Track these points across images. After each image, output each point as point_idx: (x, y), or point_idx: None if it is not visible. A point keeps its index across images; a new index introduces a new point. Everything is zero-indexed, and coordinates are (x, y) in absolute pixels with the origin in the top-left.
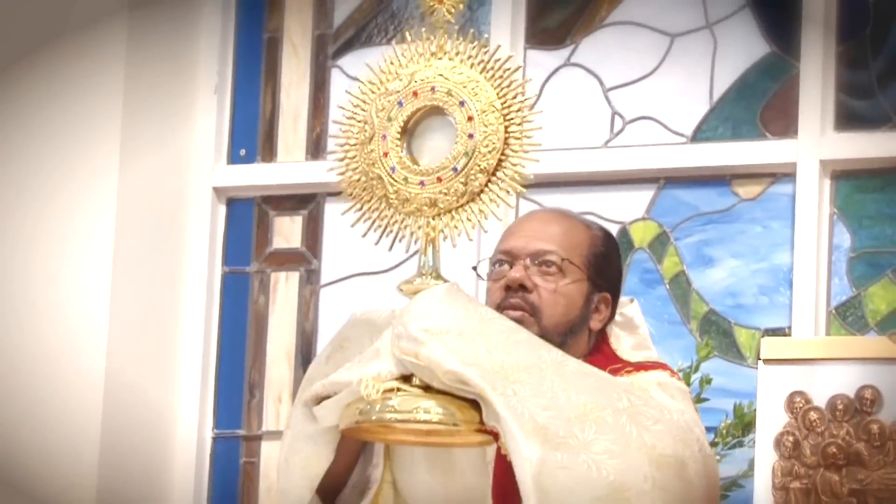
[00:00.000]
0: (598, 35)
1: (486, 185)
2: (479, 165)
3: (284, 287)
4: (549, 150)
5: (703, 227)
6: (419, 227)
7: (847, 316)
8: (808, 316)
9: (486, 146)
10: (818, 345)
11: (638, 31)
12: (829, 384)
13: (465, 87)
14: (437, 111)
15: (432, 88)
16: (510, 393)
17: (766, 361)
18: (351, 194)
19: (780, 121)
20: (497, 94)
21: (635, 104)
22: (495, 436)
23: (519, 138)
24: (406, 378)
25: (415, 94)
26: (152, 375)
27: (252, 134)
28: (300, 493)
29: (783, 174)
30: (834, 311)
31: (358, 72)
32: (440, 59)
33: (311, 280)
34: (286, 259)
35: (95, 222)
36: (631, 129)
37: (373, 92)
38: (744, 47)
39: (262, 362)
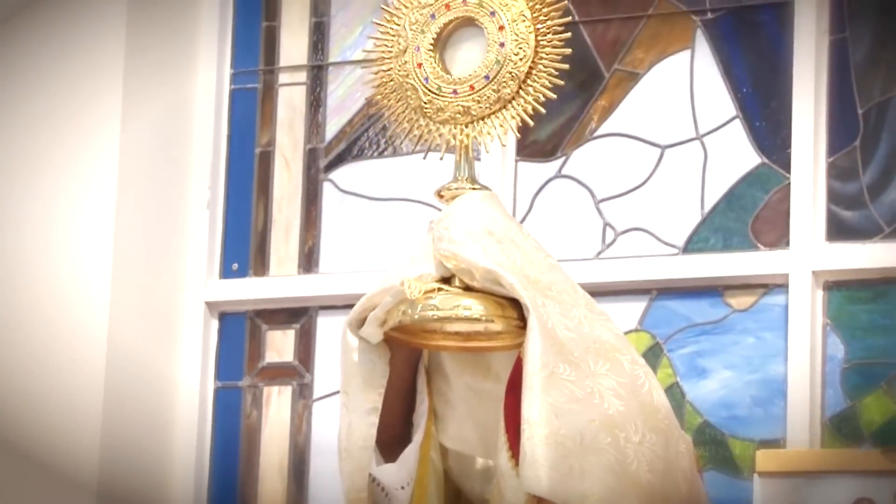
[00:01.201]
0: (589, 147)
1: (518, 92)
2: (510, 73)
3: (277, 401)
4: None
5: (696, 339)
6: (453, 135)
7: (842, 427)
8: (802, 427)
9: (518, 54)
10: (813, 457)
11: (628, 143)
12: (825, 497)
13: None
14: (468, 22)
15: (464, 0)
16: (540, 303)
17: (762, 474)
18: (387, 105)
19: (772, 232)
20: (527, 4)
21: (627, 216)
22: None
23: (548, 46)
24: (446, 280)
25: (447, 6)
26: (148, 488)
27: (244, 248)
28: (365, 431)
29: (775, 285)
30: (829, 423)
31: (350, 185)
32: None
33: (303, 394)
34: (279, 373)
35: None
36: (623, 241)
37: (406, 6)
38: (734, 159)
39: (255, 477)
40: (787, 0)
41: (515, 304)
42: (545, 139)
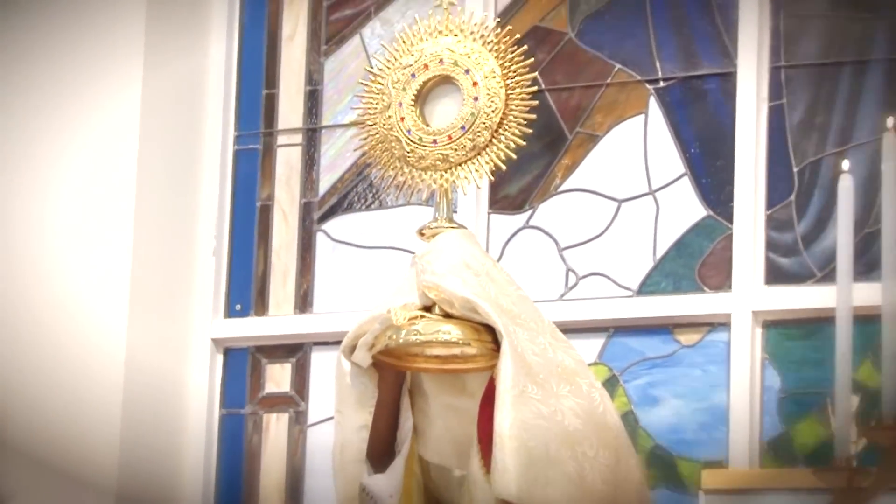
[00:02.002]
0: (554, 201)
1: (491, 141)
2: (484, 124)
3: (275, 427)
4: None
5: (649, 371)
6: (434, 180)
7: (778, 449)
8: (743, 449)
9: (490, 107)
10: (752, 476)
11: (589, 198)
12: None
13: (469, 57)
14: (445, 80)
15: (441, 60)
16: (511, 330)
17: (706, 491)
18: (374, 155)
19: (716, 276)
20: (497, 63)
21: (587, 262)
22: None
23: (517, 99)
24: (428, 308)
25: (426, 66)
26: None
27: (246, 291)
28: (357, 447)
29: (719, 323)
30: (766, 445)
31: (341, 234)
32: (446, 35)
33: (299, 420)
34: (277, 402)
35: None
36: (583, 284)
37: (389, 67)
38: (683, 211)
39: (256, 496)
40: (731, 71)
41: (490, 329)
42: (515, 194)
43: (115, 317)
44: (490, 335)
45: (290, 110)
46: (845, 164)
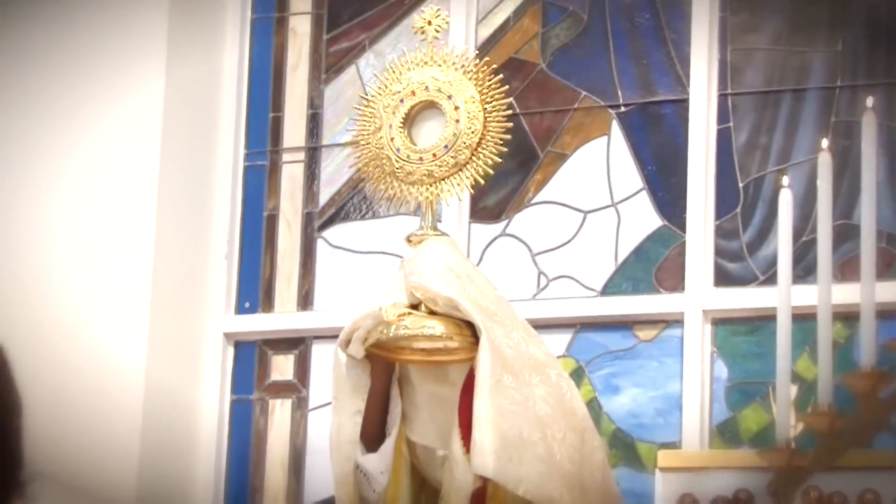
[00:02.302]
0: (528, 212)
1: (471, 158)
2: (465, 143)
3: (280, 411)
4: None
5: (611, 363)
6: (420, 193)
7: (725, 433)
8: (694, 433)
9: (470, 128)
10: (703, 456)
11: (558, 209)
12: (713, 488)
13: (451, 85)
14: (431, 104)
15: (426, 87)
16: (489, 326)
17: (662, 470)
18: (367, 172)
19: (671, 279)
20: (476, 90)
21: (556, 265)
22: None
23: (494, 121)
24: (415, 306)
25: (413, 93)
26: (177, 481)
27: (254, 290)
28: (351, 429)
29: (674, 321)
30: (715, 430)
31: (338, 241)
32: (431, 66)
33: (301, 406)
34: (281, 389)
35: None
36: (553, 286)
37: (380, 94)
38: (641, 221)
39: (262, 472)
40: (684, 98)
41: (470, 325)
42: (493, 205)
43: (138, 314)
44: (470, 330)
45: (293, 131)
46: (785, 180)
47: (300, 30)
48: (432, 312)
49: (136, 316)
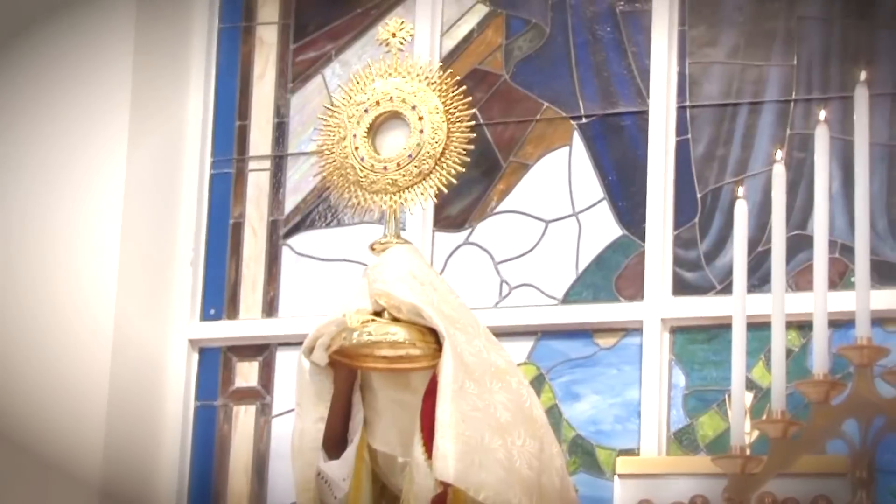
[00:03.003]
0: (490, 221)
1: (435, 168)
2: (428, 153)
3: (244, 417)
4: None
5: (572, 370)
6: (384, 202)
7: (683, 440)
8: (653, 439)
9: (434, 138)
10: (661, 462)
11: (520, 218)
12: (670, 493)
13: (415, 95)
14: (395, 115)
15: (391, 98)
16: (452, 333)
17: (621, 475)
18: (332, 181)
19: (630, 288)
20: (440, 100)
21: (518, 274)
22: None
23: (458, 132)
24: (378, 313)
25: (377, 103)
26: (141, 487)
27: (220, 297)
28: (314, 436)
29: (633, 329)
30: (673, 436)
31: (303, 249)
32: (395, 77)
33: (264, 412)
34: (245, 395)
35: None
36: (515, 294)
37: (344, 104)
38: (602, 231)
39: (226, 478)
40: (644, 110)
41: (433, 332)
42: (456, 214)
43: (104, 320)
44: (433, 337)
45: (260, 139)
46: (741, 191)
47: (267, 39)
48: (396, 319)
49: (101, 321)
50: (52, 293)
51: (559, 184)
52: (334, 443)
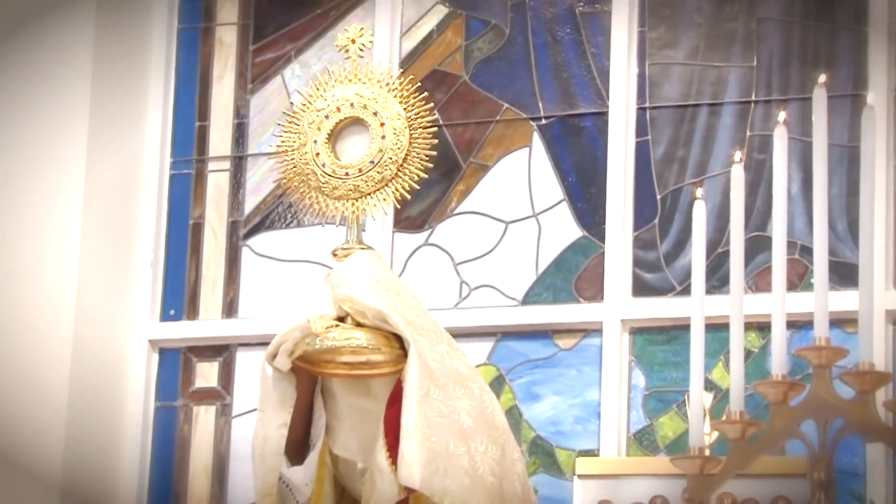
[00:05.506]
0: (450, 222)
1: (397, 174)
2: (390, 159)
3: (204, 417)
4: None
5: (531, 371)
6: (346, 208)
7: (643, 440)
8: (612, 440)
9: (396, 144)
10: (621, 463)
11: (480, 219)
12: (630, 494)
13: (376, 101)
14: (356, 121)
15: (351, 104)
16: (416, 339)
17: (581, 476)
18: (292, 186)
19: (590, 289)
20: (402, 105)
21: (478, 275)
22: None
23: (420, 138)
24: (342, 319)
25: (338, 108)
26: (101, 487)
27: (180, 298)
28: (277, 441)
29: (593, 330)
30: (633, 437)
31: (263, 249)
32: (355, 83)
33: (225, 412)
34: (205, 395)
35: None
36: (475, 295)
37: (305, 109)
38: (562, 232)
39: (186, 479)
40: (603, 111)
41: (397, 337)
42: (416, 215)
43: (63, 320)
44: (398, 342)
45: (219, 140)
46: (699, 193)
47: (226, 40)
48: (359, 324)
49: (62, 322)
50: (12, 293)
51: (519, 185)
52: (296, 448)
